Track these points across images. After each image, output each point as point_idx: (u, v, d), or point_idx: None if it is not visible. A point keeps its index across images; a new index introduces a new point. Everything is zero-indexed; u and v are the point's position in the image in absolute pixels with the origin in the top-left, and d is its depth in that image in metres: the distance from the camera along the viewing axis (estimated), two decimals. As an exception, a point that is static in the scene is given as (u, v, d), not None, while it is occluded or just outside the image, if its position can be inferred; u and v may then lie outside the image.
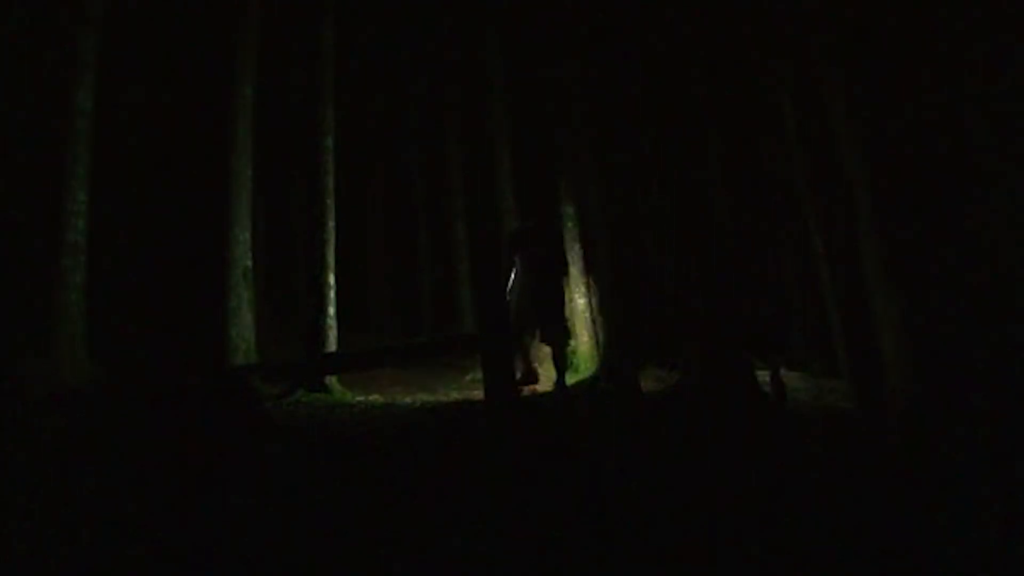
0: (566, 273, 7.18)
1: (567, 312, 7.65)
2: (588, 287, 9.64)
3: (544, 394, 6.98)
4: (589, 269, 9.67)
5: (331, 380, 7.52)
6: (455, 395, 8.10)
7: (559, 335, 6.88)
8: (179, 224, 7.34)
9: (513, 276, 6.93)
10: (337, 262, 8.09)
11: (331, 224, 8.06)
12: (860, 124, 3.91)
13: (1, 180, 6.26)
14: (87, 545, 2.94)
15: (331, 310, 7.87)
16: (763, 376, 6.56)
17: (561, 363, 6.85)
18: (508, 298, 6.78)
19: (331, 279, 7.93)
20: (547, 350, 8.17)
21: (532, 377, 7.07)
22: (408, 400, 7.47)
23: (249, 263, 7.48)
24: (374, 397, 7.59)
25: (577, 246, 9.77)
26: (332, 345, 7.84)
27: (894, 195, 3.75)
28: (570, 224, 9.90)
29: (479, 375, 8.17)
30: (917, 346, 3.58)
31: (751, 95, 10.93)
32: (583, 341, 9.58)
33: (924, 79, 3.73)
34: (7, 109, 6.36)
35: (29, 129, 6.33)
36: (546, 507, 3.25)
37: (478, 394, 8.00)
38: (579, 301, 9.60)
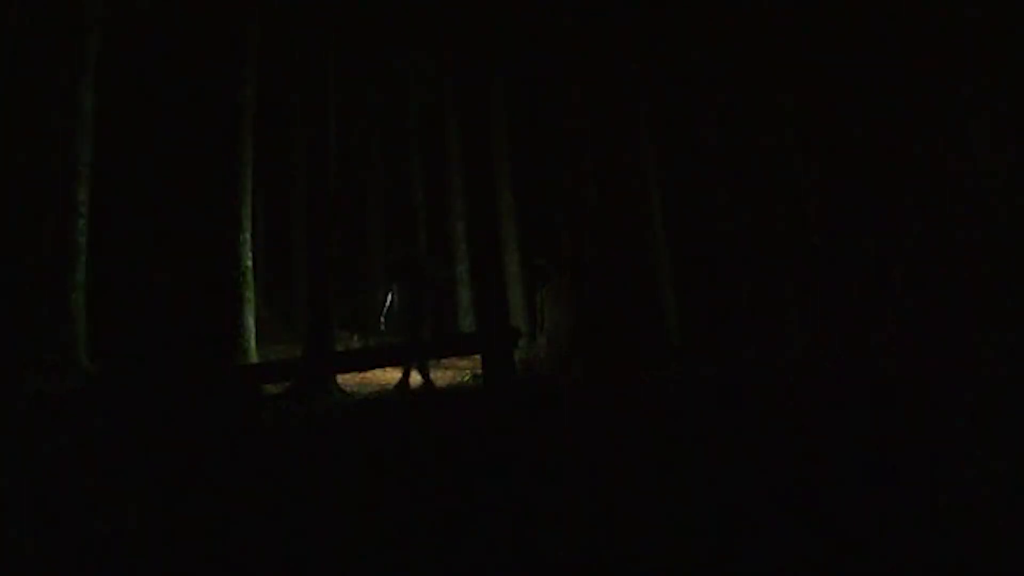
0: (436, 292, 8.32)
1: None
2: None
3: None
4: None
5: (331, 379, 7.55)
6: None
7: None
8: (180, 225, 7.35)
9: (392, 297, 8.11)
10: (338, 262, 8.12)
11: (331, 224, 8.08)
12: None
13: (2, 181, 6.28)
14: (84, 542, 2.96)
15: (331, 310, 7.89)
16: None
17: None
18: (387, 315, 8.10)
19: (331, 279, 7.95)
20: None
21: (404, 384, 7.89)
22: (406, 397, 7.50)
23: (249, 263, 7.50)
24: (373, 396, 7.62)
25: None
26: (332, 345, 7.86)
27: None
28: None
29: (478, 370, 8.21)
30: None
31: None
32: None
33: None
34: (8, 109, 6.38)
35: (29, 129, 6.35)
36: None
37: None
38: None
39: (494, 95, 13.13)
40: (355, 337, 12.93)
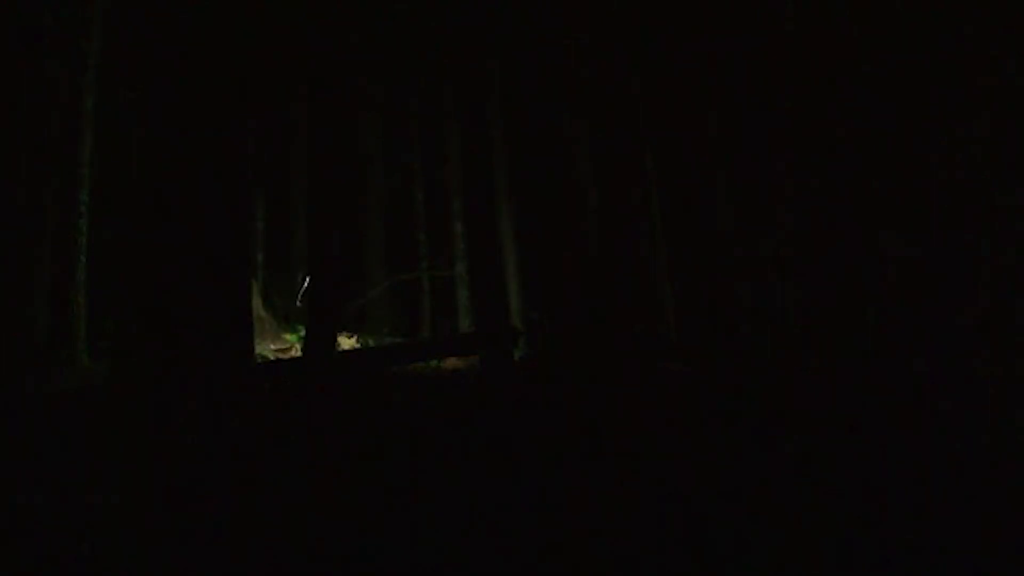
0: None
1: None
2: None
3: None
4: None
5: (331, 378, 7.57)
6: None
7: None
8: (180, 225, 7.35)
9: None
10: (337, 262, 8.13)
11: (331, 224, 8.09)
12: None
13: (4, 182, 6.29)
14: (88, 546, 2.97)
15: (331, 309, 7.90)
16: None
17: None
18: None
19: (331, 278, 7.96)
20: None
21: None
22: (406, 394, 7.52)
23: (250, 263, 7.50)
24: (373, 394, 7.64)
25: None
26: (332, 345, 7.88)
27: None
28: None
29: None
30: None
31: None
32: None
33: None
34: (9, 109, 6.39)
35: (29, 129, 6.36)
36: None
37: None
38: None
39: (493, 96, 13.10)
40: (355, 337, 12.94)
